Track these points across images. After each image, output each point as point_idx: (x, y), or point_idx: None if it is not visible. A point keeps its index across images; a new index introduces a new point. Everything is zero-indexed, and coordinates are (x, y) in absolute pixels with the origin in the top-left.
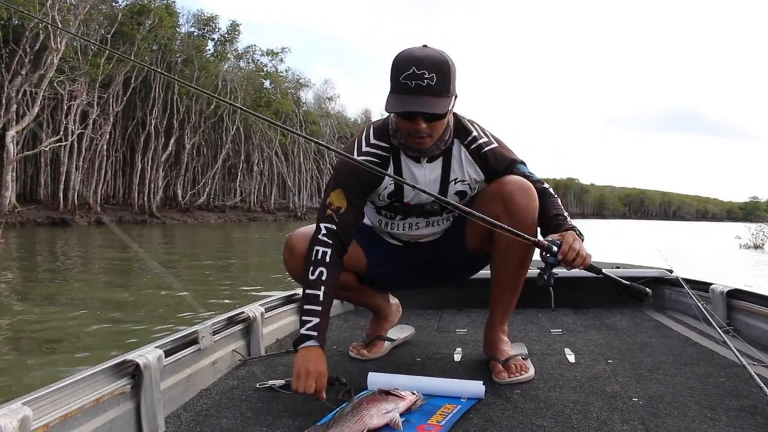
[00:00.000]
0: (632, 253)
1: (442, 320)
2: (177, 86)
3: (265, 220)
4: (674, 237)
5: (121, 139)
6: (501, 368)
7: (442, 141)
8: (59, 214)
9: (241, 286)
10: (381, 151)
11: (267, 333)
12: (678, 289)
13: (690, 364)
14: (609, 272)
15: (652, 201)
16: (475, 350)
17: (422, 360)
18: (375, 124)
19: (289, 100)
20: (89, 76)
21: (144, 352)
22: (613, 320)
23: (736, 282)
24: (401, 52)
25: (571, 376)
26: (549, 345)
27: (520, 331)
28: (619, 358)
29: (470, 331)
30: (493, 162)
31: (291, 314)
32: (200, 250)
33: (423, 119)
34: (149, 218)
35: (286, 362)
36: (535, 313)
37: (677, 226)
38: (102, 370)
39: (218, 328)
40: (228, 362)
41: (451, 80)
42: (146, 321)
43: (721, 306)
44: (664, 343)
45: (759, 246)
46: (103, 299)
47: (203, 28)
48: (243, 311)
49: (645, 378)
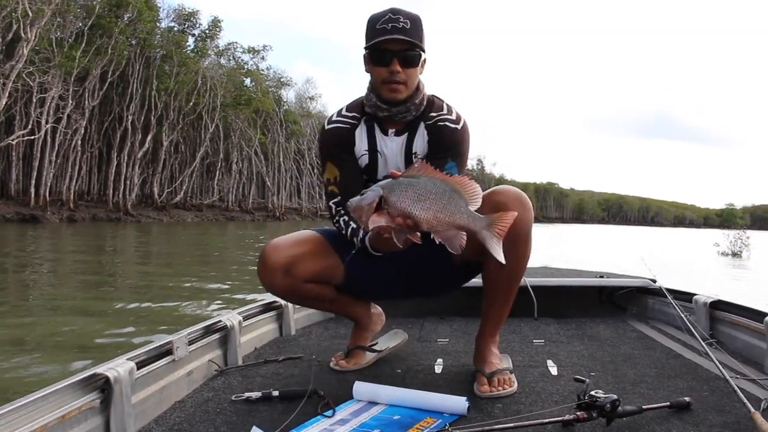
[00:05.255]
0: (613, 261)
1: (424, 329)
2: (155, 81)
3: (243, 220)
4: (653, 243)
5: (97, 134)
6: (485, 381)
7: (413, 103)
8: (30, 210)
9: (218, 294)
10: (350, 120)
11: (245, 342)
12: (661, 299)
13: (673, 378)
14: (593, 282)
15: (631, 206)
16: (456, 361)
17: (403, 371)
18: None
19: (270, 98)
20: (64, 69)
21: (114, 364)
22: (596, 330)
23: (719, 291)
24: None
25: (553, 389)
26: (531, 356)
27: (502, 341)
28: (602, 371)
29: (452, 341)
30: (442, 137)
31: (269, 322)
32: (177, 251)
33: (399, 61)
34: (124, 216)
35: (263, 372)
36: (518, 323)
37: (656, 232)
38: (69, 384)
39: (194, 338)
40: (204, 372)
41: (423, 33)
42: (119, 326)
43: (704, 317)
44: (647, 355)
45: (737, 254)
46: (74, 304)
47: (184, 24)
48: (220, 320)
49: (628, 392)
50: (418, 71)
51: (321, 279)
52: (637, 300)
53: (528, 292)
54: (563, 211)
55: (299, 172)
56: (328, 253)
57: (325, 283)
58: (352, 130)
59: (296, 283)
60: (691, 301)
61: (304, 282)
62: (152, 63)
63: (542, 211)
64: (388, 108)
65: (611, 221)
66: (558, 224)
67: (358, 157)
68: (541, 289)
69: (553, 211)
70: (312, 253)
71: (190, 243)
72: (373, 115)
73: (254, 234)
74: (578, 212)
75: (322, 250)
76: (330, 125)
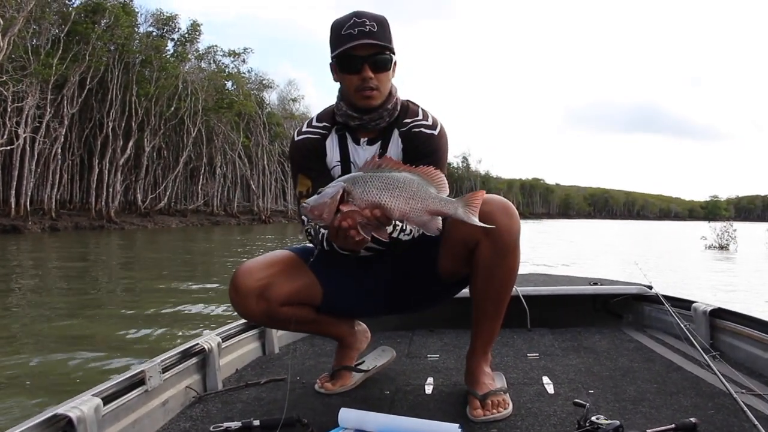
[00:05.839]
0: (603, 260)
1: (413, 344)
2: (135, 87)
3: (229, 224)
4: (641, 238)
5: (77, 141)
6: (478, 404)
7: (385, 109)
8: (10, 220)
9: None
10: (320, 130)
11: (225, 364)
12: (658, 306)
13: (675, 394)
14: (587, 290)
15: (617, 201)
16: (447, 380)
17: (391, 393)
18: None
19: (252, 101)
20: (41, 77)
21: (78, 402)
22: (592, 341)
23: (713, 289)
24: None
25: (551, 410)
26: (526, 372)
27: (495, 356)
28: (600, 388)
29: (442, 357)
30: (417, 144)
31: (252, 341)
32: (162, 257)
33: (369, 67)
34: (107, 223)
35: (244, 398)
36: (510, 334)
37: (641, 225)
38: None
39: (169, 364)
40: (181, 400)
41: (391, 35)
42: (102, 349)
43: (704, 326)
44: (646, 368)
45: (724, 246)
46: (53, 328)
47: (162, 28)
48: (197, 342)
49: (629, 412)
50: (390, 75)
51: (298, 300)
52: (632, 307)
53: (520, 301)
54: (549, 206)
55: (284, 175)
56: (304, 272)
57: (304, 304)
58: (322, 141)
59: (272, 307)
60: (689, 308)
61: (280, 305)
62: (131, 68)
63: (528, 207)
64: (359, 116)
65: (597, 216)
66: (545, 220)
67: (330, 168)
68: (533, 299)
69: (540, 207)
70: (287, 273)
71: (177, 249)
72: (345, 125)
73: (239, 240)
74: (564, 207)
75: (298, 270)
76: (300, 137)
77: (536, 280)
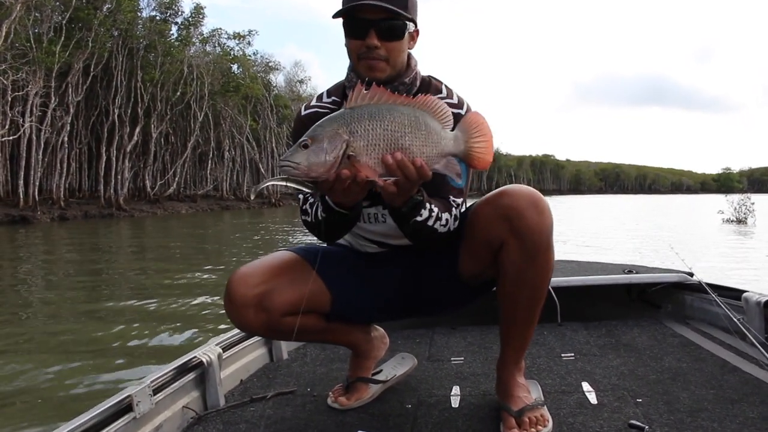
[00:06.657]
0: (622, 238)
1: (434, 344)
2: (140, 73)
3: (239, 209)
4: (654, 213)
5: (84, 129)
6: (513, 423)
7: (401, 83)
8: (20, 211)
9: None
10: (329, 105)
11: (227, 376)
12: (700, 295)
13: (738, 402)
14: (621, 278)
15: (628, 175)
16: (475, 389)
17: (413, 407)
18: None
19: (259, 84)
20: (45, 65)
21: None
22: (630, 336)
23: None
24: None
25: (596, 425)
26: (562, 377)
27: (525, 357)
28: (649, 395)
29: (468, 360)
30: None
31: (257, 347)
32: (171, 246)
33: (376, 33)
34: (117, 211)
35: (249, 416)
36: (540, 330)
37: (654, 199)
38: None
39: (162, 384)
40: (177, 422)
41: (412, 1)
42: (109, 354)
43: (758, 318)
44: (697, 369)
45: (742, 220)
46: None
47: (165, 12)
48: (195, 356)
49: (687, 426)
50: (403, 45)
51: (304, 308)
52: (672, 297)
53: (549, 294)
54: (560, 182)
55: None
56: (308, 276)
57: (310, 312)
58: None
59: (273, 318)
60: (739, 298)
61: (282, 315)
62: (136, 54)
63: (540, 184)
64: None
65: (609, 191)
66: (556, 196)
67: None
68: (563, 290)
69: (551, 183)
70: (289, 278)
71: (187, 236)
72: None
73: (250, 223)
74: (575, 183)
75: (301, 274)
76: (307, 111)
77: (564, 269)
